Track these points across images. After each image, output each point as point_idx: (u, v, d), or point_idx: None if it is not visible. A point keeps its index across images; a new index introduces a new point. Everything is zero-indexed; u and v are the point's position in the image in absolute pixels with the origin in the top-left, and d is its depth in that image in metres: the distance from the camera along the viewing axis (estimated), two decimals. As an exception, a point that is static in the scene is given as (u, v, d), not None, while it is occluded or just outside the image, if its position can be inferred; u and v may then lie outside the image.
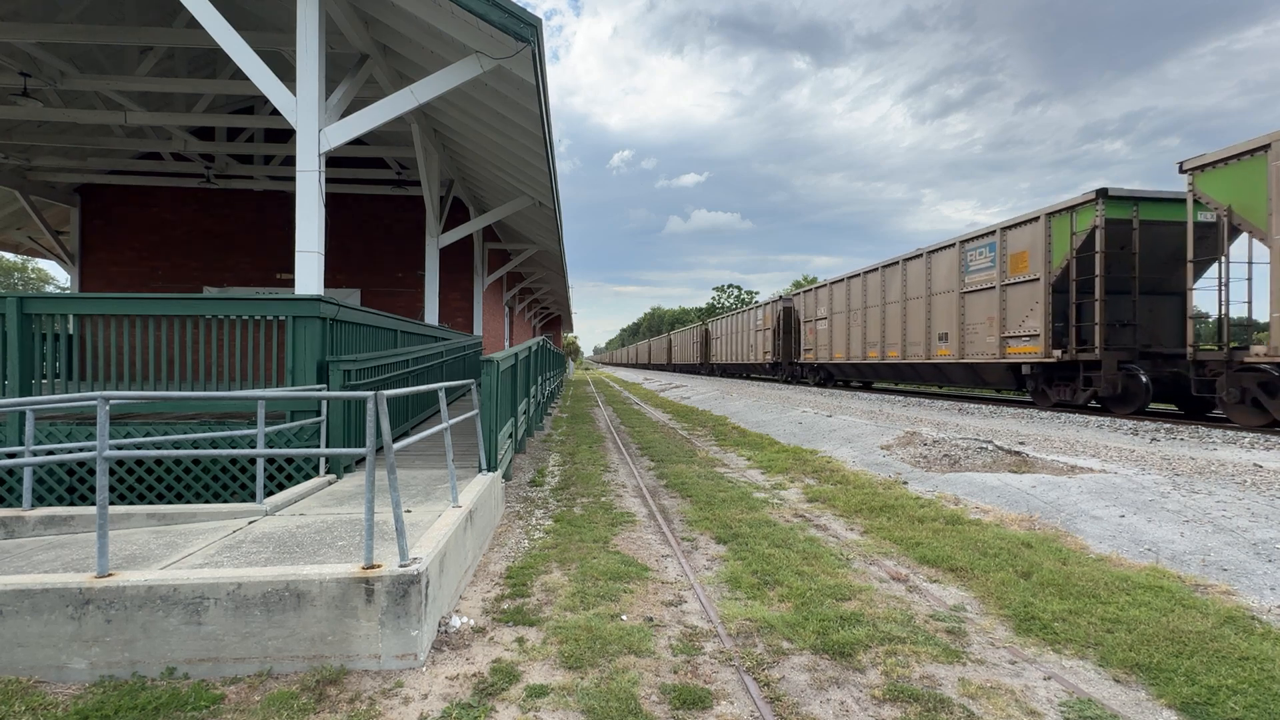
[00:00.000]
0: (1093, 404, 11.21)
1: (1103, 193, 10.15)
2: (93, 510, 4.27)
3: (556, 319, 48.29)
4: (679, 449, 10.08)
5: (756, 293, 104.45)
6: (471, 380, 5.90)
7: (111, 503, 5.02)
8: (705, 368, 37.79)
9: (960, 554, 4.46)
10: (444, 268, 15.17)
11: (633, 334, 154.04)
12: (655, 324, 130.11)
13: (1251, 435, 7.96)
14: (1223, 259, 8.81)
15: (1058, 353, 10.85)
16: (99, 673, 2.82)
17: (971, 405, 13.36)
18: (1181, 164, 9.07)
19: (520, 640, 3.24)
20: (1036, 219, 11.34)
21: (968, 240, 13.32)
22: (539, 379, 12.88)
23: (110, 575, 2.94)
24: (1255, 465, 6.02)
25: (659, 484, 7.38)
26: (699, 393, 21.87)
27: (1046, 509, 5.47)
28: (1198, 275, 9.51)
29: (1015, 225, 11.93)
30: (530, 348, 10.02)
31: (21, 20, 9.48)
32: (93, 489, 5.48)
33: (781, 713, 2.59)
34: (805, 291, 22.15)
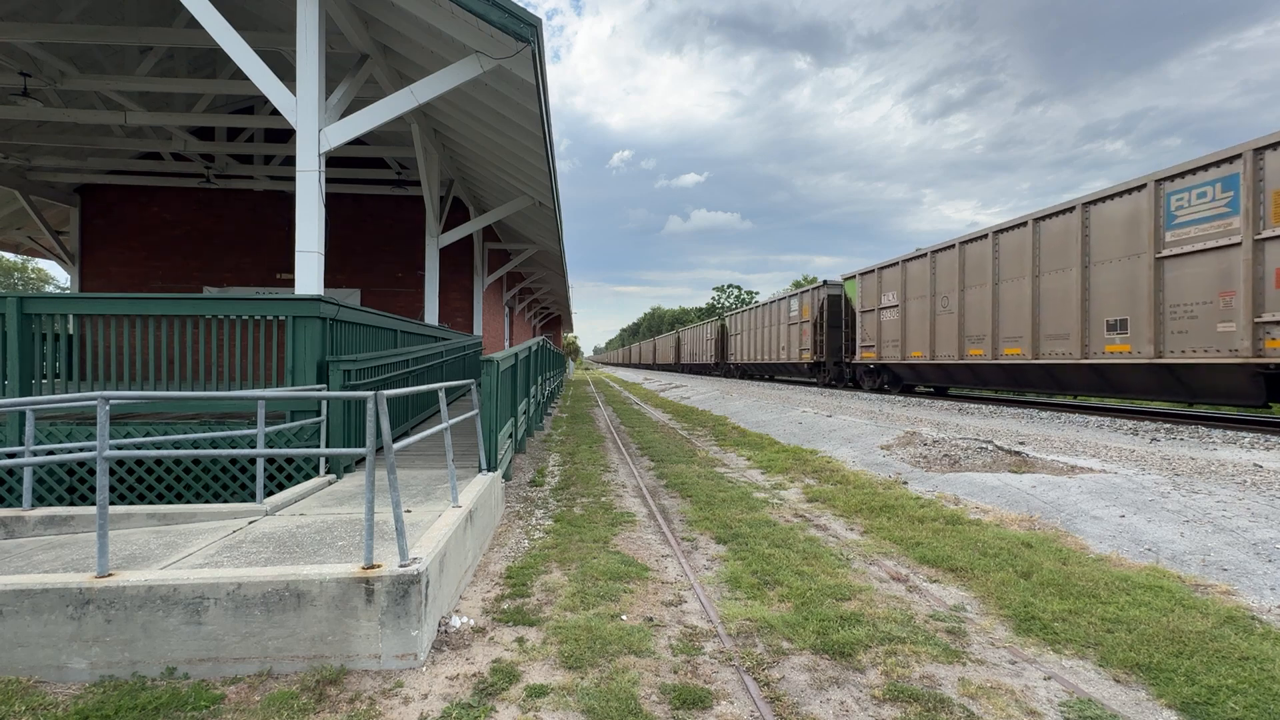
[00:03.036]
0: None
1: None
2: (93, 510, 4.27)
3: (556, 319, 48.30)
4: (679, 449, 10.08)
5: (756, 293, 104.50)
6: (471, 380, 5.90)
7: (111, 503, 5.02)
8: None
9: (960, 554, 4.46)
10: (444, 268, 15.18)
11: (633, 334, 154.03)
12: (655, 324, 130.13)
13: (1251, 435, 7.95)
14: None
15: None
16: (99, 673, 2.82)
17: (971, 405, 13.31)
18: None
19: (520, 640, 3.24)
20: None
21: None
22: (539, 379, 12.87)
23: (110, 575, 2.94)
24: (1255, 465, 6.02)
25: (659, 484, 7.38)
26: (699, 393, 21.86)
27: (1046, 509, 5.47)
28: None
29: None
30: (530, 348, 10.02)
31: (21, 20, 9.48)
32: (93, 489, 5.48)
33: (781, 713, 2.59)
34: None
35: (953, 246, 13.70)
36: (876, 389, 17.66)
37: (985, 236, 12.66)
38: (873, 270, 17.18)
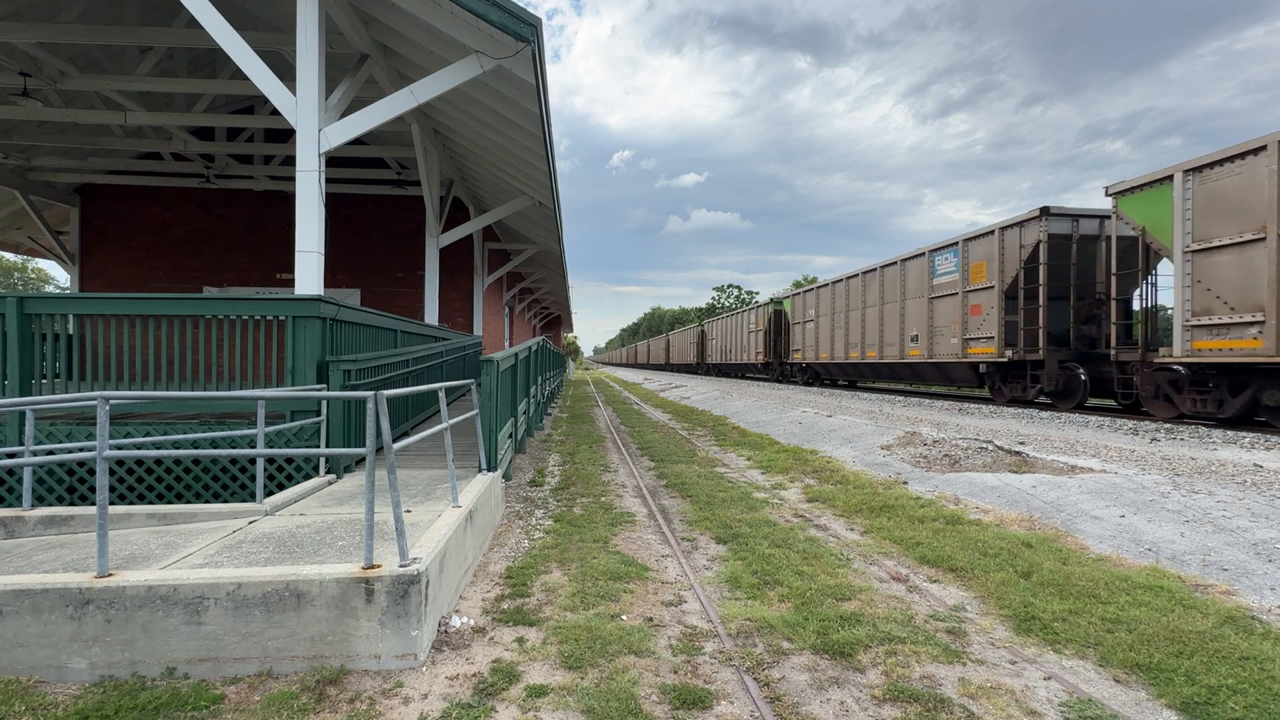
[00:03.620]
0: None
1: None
2: (93, 510, 4.27)
3: (556, 319, 48.29)
4: (679, 449, 10.08)
5: (756, 293, 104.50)
6: (471, 380, 5.90)
7: (111, 503, 5.02)
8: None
9: (960, 554, 4.46)
10: (444, 268, 15.17)
11: (633, 334, 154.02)
12: (655, 324, 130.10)
13: (1251, 435, 7.95)
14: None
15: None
16: (99, 673, 2.82)
17: (972, 405, 13.37)
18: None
19: (520, 640, 3.24)
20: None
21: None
22: (539, 379, 12.87)
23: (110, 575, 2.94)
24: (1255, 465, 6.02)
25: (659, 484, 7.38)
26: (699, 393, 21.87)
27: (1047, 509, 5.47)
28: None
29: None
30: (530, 348, 10.02)
31: (21, 20, 9.48)
32: (93, 489, 5.48)
33: (781, 713, 2.59)
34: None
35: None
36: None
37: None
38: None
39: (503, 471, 6.50)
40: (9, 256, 53.35)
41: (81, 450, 4.91)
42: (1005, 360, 12.31)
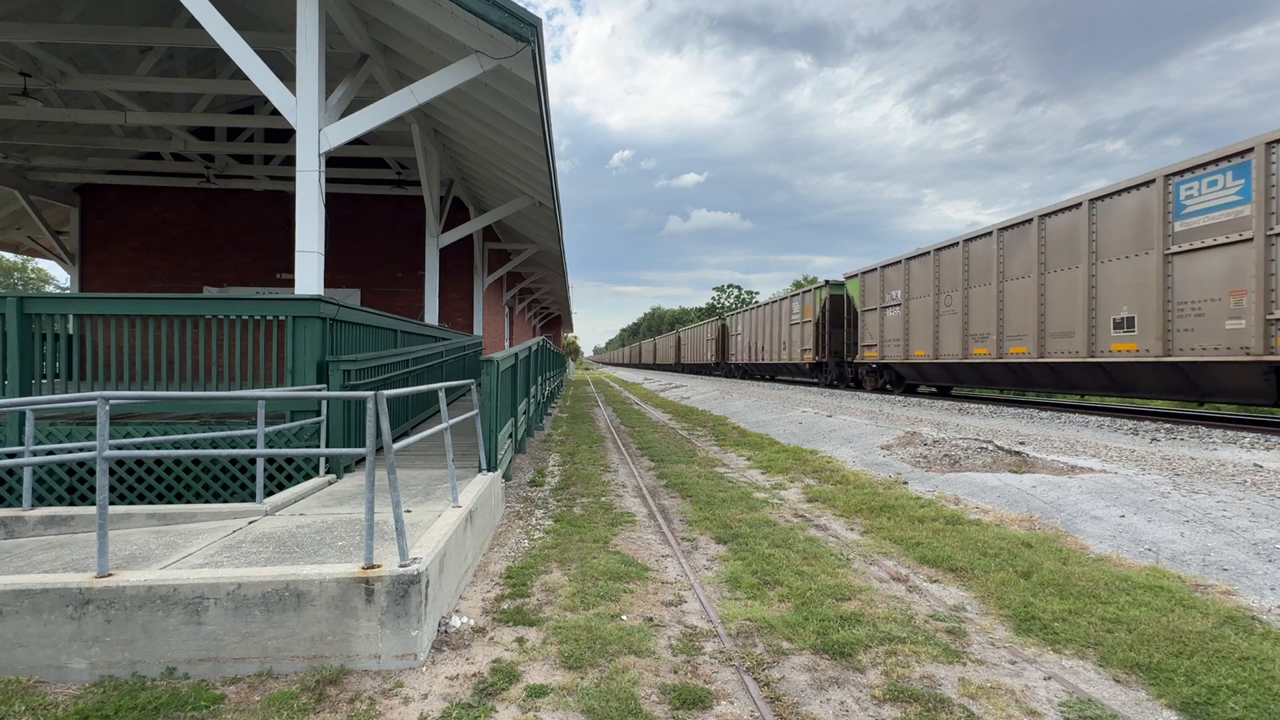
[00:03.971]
0: None
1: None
2: (93, 510, 4.27)
3: (556, 319, 48.30)
4: (679, 449, 10.08)
5: (756, 293, 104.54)
6: (471, 380, 5.90)
7: (111, 503, 5.02)
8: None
9: (960, 554, 4.46)
10: (444, 268, 15.18)
11: (633, 334, 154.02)
12: (655, 324, 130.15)
13: (1252, 435, 7.95)
14: None
15: None
16: (99, 673, 2.82)
17: (972, 405, 13.32)
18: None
19: (520, 640, 3.24)
20: None
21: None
22: (539, 379, 12.87)
23: (110, 575, 2.94)
24: (1255, 465, 6.02)
25: (659, 484, 7.38)
26: (699, 393, 21.87)
27: (1047, 509, 5.47)
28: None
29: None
30: (530, 348, 10.02)
31: (21, 20, 9.48)
32: (93, 489, 5.48)
33: (781, 713, 2.59)
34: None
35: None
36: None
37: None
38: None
39: (503, 471, 6.50)
40: (9, 256, 53.37)
41: (81, 450, 4.91)
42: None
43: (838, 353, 19.98)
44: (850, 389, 19.24)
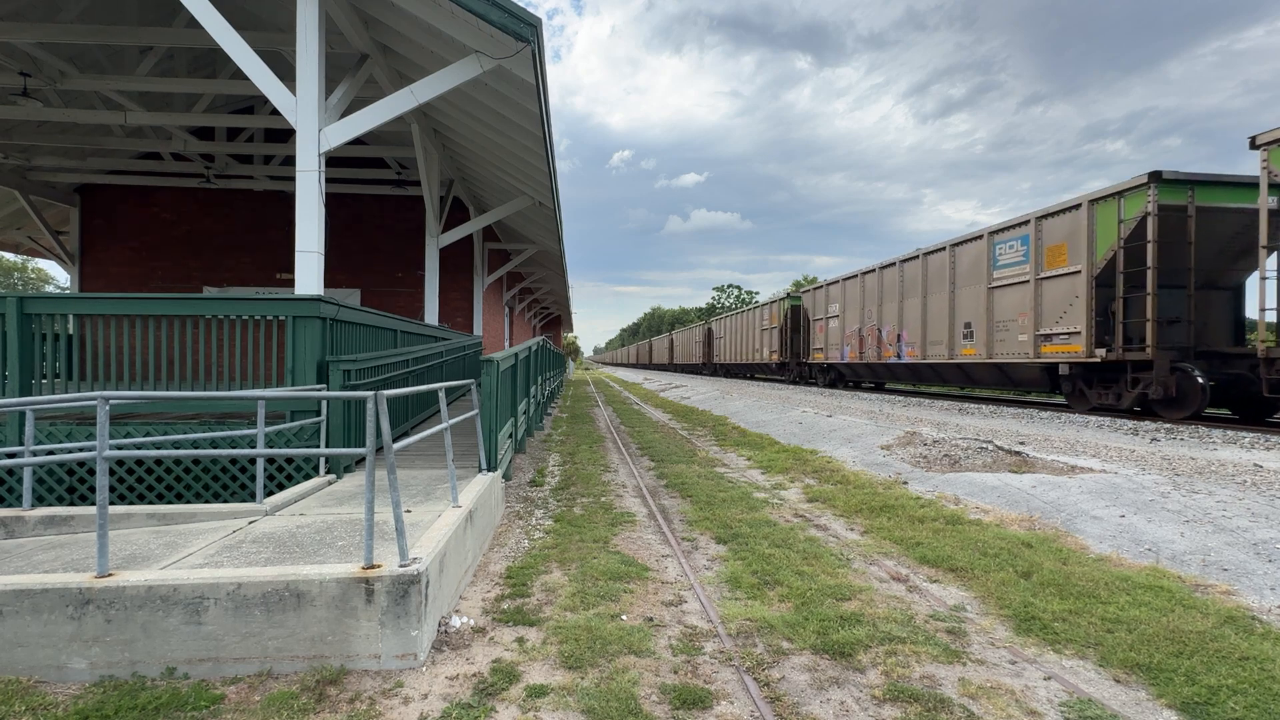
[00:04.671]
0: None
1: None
2: (93, 510, 4.27)
3: (556, 319, 48.29)
4: (679, 449, 10.08)
5: (756, 293, 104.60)
6: (471, 380, 5.90)
7: (111, 503, 5.02)
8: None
9: (960, 554, 4.46)
10: (444, 268, 15.17)
11: (633, 334, 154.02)
12: (655, 324, 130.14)
13: (1251, 435, 7.95)
14: None
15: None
16: (99, 673, 2.82)
17: (972, 405, 13.35)
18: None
19: (520, 640, 3.24)
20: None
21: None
22: (539, 379, 12.87)
23: (110, 575, 2.94)
24: (1255, 465, 6.02)
25: (659, 484, 7.38)
26: (699, 393, 21.87)
27: (1047, 509, 5.47)
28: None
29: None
30: (530, 348, 10.02)
31: (21, 20, 9.48)
32: (93, 489, 5.48)
33: (781, 713, 2.59)
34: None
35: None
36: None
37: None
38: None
39: (503, 471, 6.50)
40: (9, 256, 53.35)
41: (81, 450, 4.91)
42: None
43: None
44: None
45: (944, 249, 13.98)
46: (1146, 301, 9.48)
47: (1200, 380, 9.28)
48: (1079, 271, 10.33)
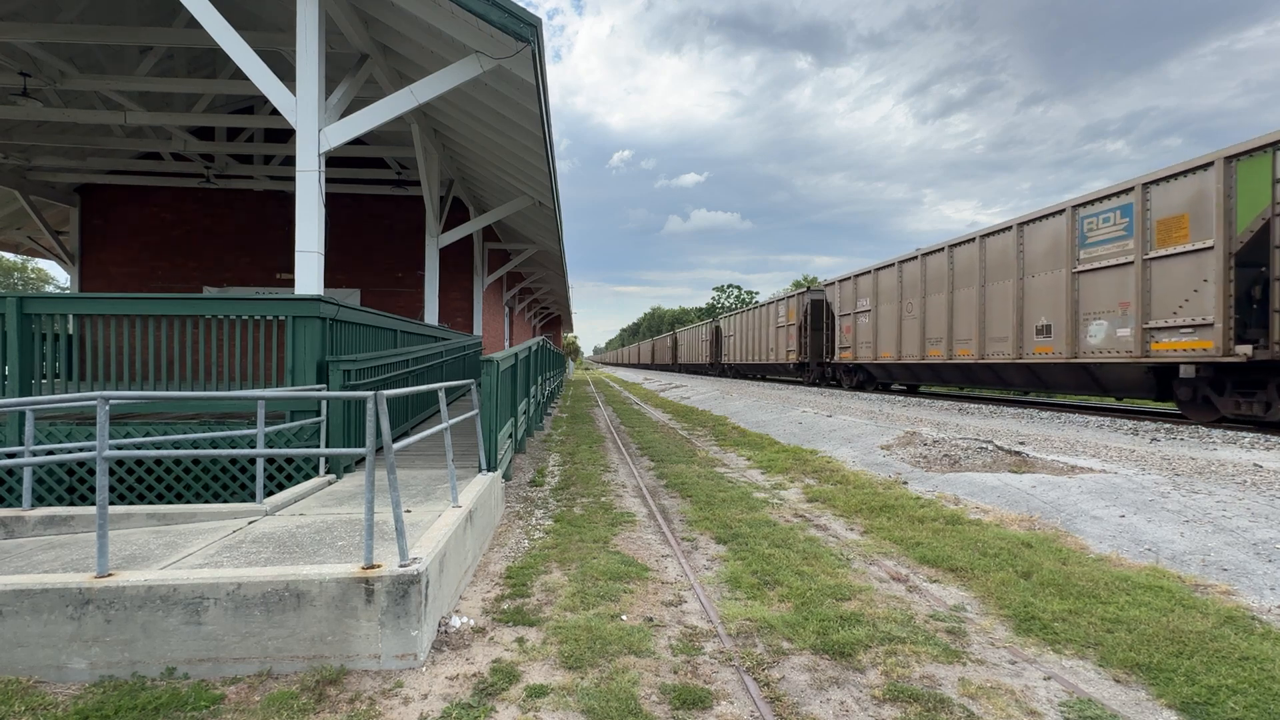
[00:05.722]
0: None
1: None
2: (93, 510, 4.27)
3: (556, 319, 48.30)
4: (679, 449, 10.08)
5: (756, 293, 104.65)
6: (471, 380, 5.90)
7: (111, 503, 5.02)
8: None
9: (960, 554, 4.46)
10: (444, 268, 15.17)
11: (633, 334, 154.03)
12: (655, 324, 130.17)
13: (1251, 435, 7.95)
14: None
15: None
16: (99, 673, 2.82)
17: (972, 405, 13.34)
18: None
19: (520, 640, 3.24)
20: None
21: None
22: (539, 379, 12.88)
23: (110, 575, 2.94)
24: (1255, 465, 6.02)
25: (659, 484, 7.38)
26: (699, 393, 21.87)
27: (1046, 509, 5.47)
28: None
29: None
30: (530, 348, 10.02)
31: (21, 20, 9.48)
32: (93, 489, 5.48)
33: (781, 713, 2.59)
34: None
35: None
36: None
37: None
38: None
39: (503, 471, 6.50)
40: (9, 256, 53.36)
41: (81, 450, 4.91)
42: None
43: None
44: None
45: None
46: None
47: None
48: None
